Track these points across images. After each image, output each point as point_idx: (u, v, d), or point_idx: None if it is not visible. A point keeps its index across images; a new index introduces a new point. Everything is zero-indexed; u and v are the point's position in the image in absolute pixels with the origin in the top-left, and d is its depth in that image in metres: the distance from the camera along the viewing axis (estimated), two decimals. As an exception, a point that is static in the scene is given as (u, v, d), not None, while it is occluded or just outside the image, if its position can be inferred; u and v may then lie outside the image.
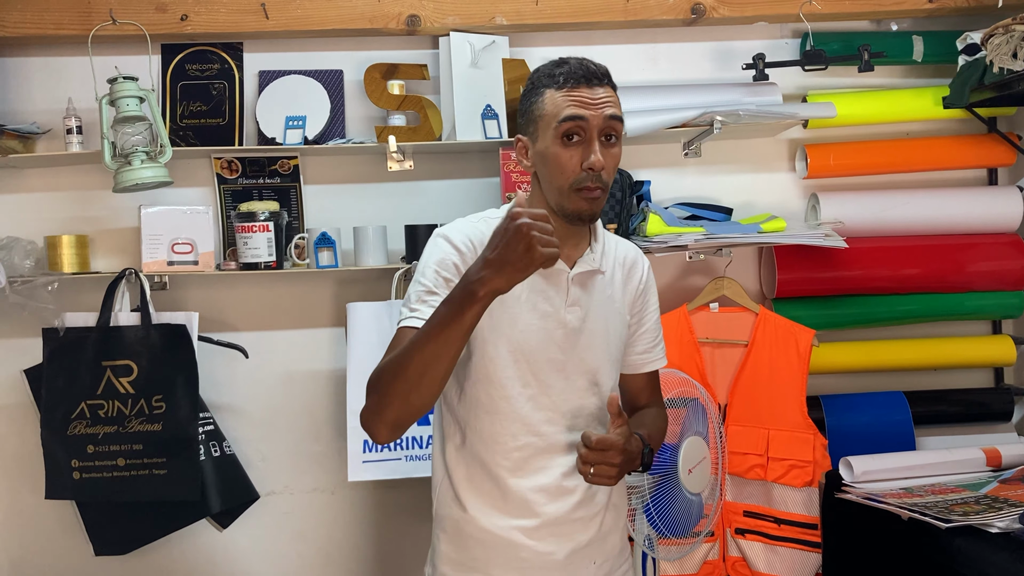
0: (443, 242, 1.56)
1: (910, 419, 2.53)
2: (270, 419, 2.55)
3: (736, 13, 2.50)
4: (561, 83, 1.53)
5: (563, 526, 1.60)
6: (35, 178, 2.50)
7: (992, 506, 2.09)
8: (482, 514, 1.59)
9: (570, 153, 1.52)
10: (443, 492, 1.64)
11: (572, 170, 1.52)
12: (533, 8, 2.47)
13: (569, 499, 1.61)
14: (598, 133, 1.52)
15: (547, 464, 1.59)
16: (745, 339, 2.43)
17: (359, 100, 2.53)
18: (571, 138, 1.52)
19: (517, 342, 1.56)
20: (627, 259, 1.72)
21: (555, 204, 1.56)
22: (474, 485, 1.60)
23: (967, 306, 2.61)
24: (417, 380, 1.40)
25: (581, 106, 1.51)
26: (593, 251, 1.64)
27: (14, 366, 2.45)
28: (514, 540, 1.58)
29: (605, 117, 1.52)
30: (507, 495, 1.58)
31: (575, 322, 1.60)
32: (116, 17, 2.37)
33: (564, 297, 1.59)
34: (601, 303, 1.64)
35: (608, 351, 1.65)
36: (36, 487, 2.38)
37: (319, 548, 2.58)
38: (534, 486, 1.58)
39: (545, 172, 1.56)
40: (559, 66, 1.55)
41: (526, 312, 1.56)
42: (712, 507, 2.32)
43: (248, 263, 2.37)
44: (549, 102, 1.53)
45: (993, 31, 2.20)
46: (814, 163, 2.57)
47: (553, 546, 1.60)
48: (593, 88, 1.53)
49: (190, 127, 2.48)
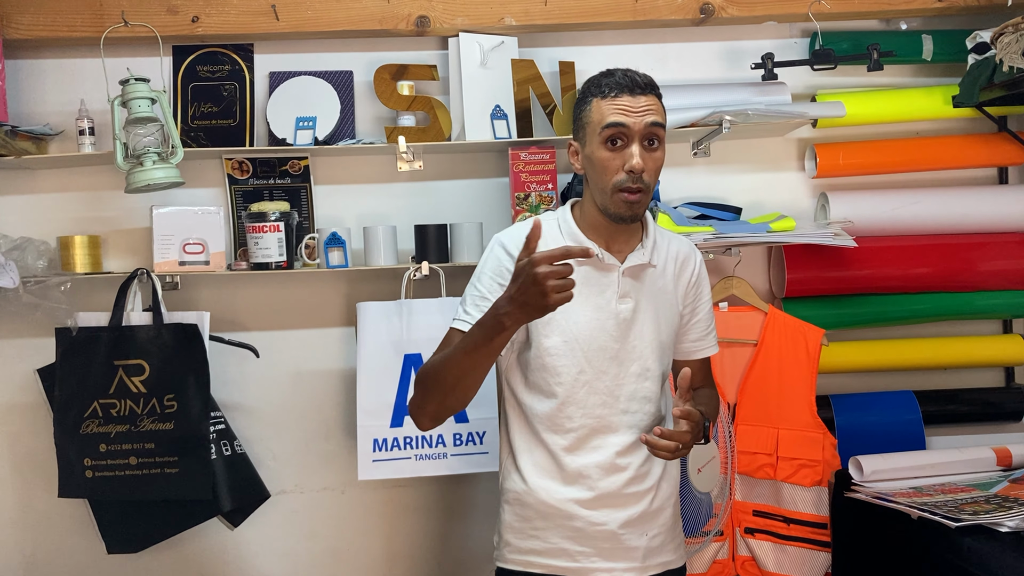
0: (499, 249, 1.73)
1: (920, 418, 2.53)
2: (281, 418, 2.57)
3: (745, 13, 2.50)
4: (606, 92, 1.66)
5: (615, 499, 1.74)
6: (48, 179, 2.52)
7: (1002, 505, 2.08)
8: (541, 487, 1.74)
9: (612, 156, 1.66)
10: (507, 467, 1.81)
11: (614, 172, 1.65)
12: (542, 8, 2.47)
13: (622, 475, 1.74)
14: (640, 138, 1.64)
15: (601, 443, 1.73)
16: (754, 338, 2.43)
17: (369, 101, 2.54)
18: (614, 143, 1.65)
19: (572, 333, 1.71)
20: (680, 253, 1.85)
21: (600, 204, 1.70)
22: (534, 461, 1.75)
23: (977, 305, 2.61)
24: (452, 386, 1.62)
25: (623, 114, 1.64)
26: (644, 246, 1.76)
27: (27, 365, 2.47)
28: (569, 511, 1.73)
29: (647, 124, 1.64)
30: (564, 470, 1.73)
31: (627, 313, 1.73)
32: (128, 19, 2.39)
33: (616, 289, 1.73)
34: (653, 294, 1.77)
35: (659, 339, 1.78)
36: (49, 486, 2.40)
37: (329, 547, 2.59)
38: (589, 463, 1.73)
39: (592, 174, 1.70)
40: (606, 76, 1.69)
41: (579, 305, 1.68)
42: (721, 506, 2.32)
43: (259, 263, 2.38)
44: (595, 110, 1.67)
45: (1003, 30, 2.19)
46: (823, 162, 2.57)
47: (606, 516, 1.74)
48: (636, 96, 1.65)
49: (201, 128, 2.49)
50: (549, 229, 1.74)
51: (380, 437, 2.35)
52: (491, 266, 1.72)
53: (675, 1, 2.49)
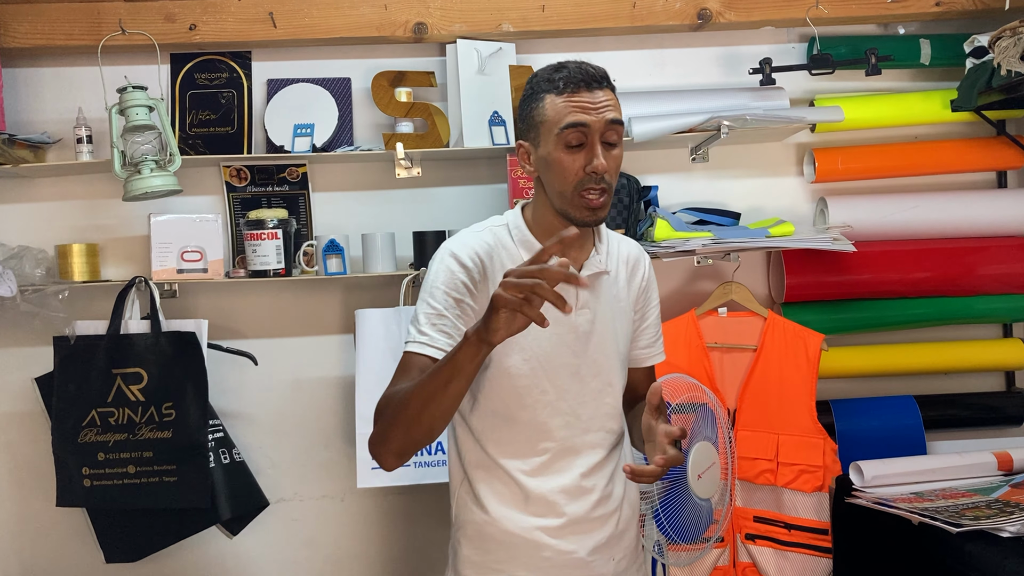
0: (451, 260, 1.56)
1: (920, 423, 2.52)
2: (279, 426, 2.56)
3: (743, 18, 2.50)
4: (561, 88, 1.52)
5: (583, 524, 1.63)
6: (46, 187, 2.52)
7: (1003, 510, 2.08)
8: (504, 516, 1.61)
9: (573, 158, 1.53)
10: (462, 497, 1.66)
11: (575, 174, 1.53)
12: (539, 15, 2.48)
13: (589, 498, 1.63)
14: (600, 137, 1.52)
15: (566, 466, 1.62)
16: (754, 344, 2.42)
17: (367, 108, 2.54)
18: (574, 144, 1.52)
19: (531, 351, 1.58)
20: (630, 257, 1.74)
21: (559, 209, 1.57)
22: (494, 489, 1.62)
23: (977, 309, 2.60)
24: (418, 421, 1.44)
25: (582, 111, 1.51)
26: (599, 252, 1.65)
27: (25, 374, 2.46)
28: (537, 540, 1.61)
29: (606, 121, 1.52)
30: (528, 496, 1.61)
31: (585, 325, 1.62)
32: (125, 27, 2.39)
33: (574, 301, 1.59)
34: (608, 303, 1.66)
35: (618, 350, 1.68)
36: (47, 495, 2.40)
37: (329, 555, 2.59)
38: (555, 487, 1.61)
39: (549, 177, 1.57)
40: (558, 71, 1.55)
41: None
42: (722, 512, 2.31)
43: (257, 270, 2.38)
44: (550, 108, 1.53)
45: (1000, 33, 2.20)
46: (822, 167, 2.57)
47: (575, 544, 1.62)
48: (593, 92, 1.53)
49: (199, 136, 2.49)
50: (501, 236, 1.62)
51: (379, 444, 2.33)
52: (443, 279, 1.55)
53: (673, 6, 2.49)
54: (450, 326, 1.52)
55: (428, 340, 1.51)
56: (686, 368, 2.38)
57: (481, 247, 1.58)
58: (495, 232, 1.62)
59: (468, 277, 1.55)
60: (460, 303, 1.53)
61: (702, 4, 2.49)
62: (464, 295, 1.54)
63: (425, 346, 1.51)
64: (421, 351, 1.50)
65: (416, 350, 1.51)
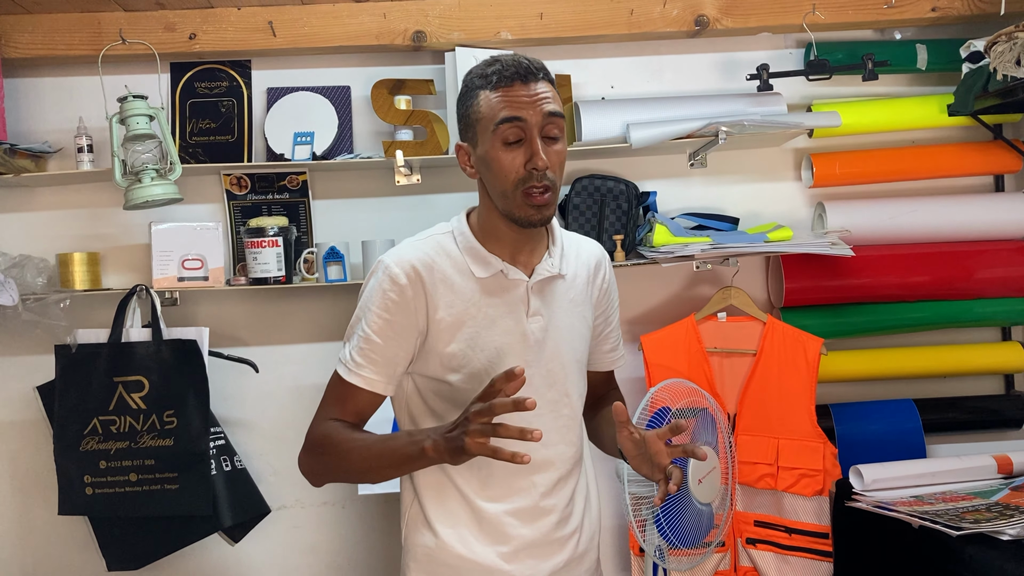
0: (384, 276, 1.50)
1: (920, 427, 2.53)
2: (281, 433, 2.56)
3: (739, 24, 2.51)
4: (495, 83, 1.45)
5: (541, 548, 1.55)
6: (47, 196, 2.53)
7: (1003, 513, 2.08)
8: (456, 540, 1.53)
9: (512, 155, 1.45)
10: (413, 518, 1.58)
11: (515, 172, 1.45)
12: (538, 22, 2.49)
13: (547, 519, 1.56)
14: (539, 131, 1.45)
15: (524, 485, 1.54)
16: (753, 348, 2.43)
17: (366, 115, 2.55)
18: (512, 140, 1.45)
19: (481, 363, 1.50)
20: (591, 258, 1.67)
21: (503, 210, 1.50)
22: (446, 510, 1.54)
23: (976, 313, 2.61)
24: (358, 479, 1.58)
25: (518, 106, 1.43)
26: (551, 255, 1.57)
27: (27, 383, 2.47)
28: (491, 566, 1.52)
29: (545, 114, 1.44)
30: (481, 519, 1.53)
31: (538, 333, 1.54)
32: (125, 37, 2.40)
33: (525, 308, 1.53)
34: (563, 308, 1.58)
35: (575, 357, 1.60)
36: (49, 503, 2.40)
37: (330, 561, 2.59)
38: (511, 508, 1.53)
39: (489, 177, 1.49)
40: (490, 65, 1.47)
41: (486, 330, 1.51)
42: (722, 517, 2.31)
43: (258, 278, 2.38)
44: (484, 104, 1.46)
45: (996, 38, 2.21)
46: (820, 172, 2.57)
47: (531, 570, 1.54)
48: (529, 85, 1.45)
49: (199, 144, 2.50)
50: (445, 244, 1.54)
51: (380, 451, 2.34)
52: (377, 300, 1.48)
53: (670, 13, 2.50)
54: (379, 352, 1.48)
55: (363, 372, 1.49)
56: (686, 373, 2.38)
57: (419, 259, 1.50)
58: (438, 240, 1.55)
59: (399, 295, 1.48)
60: (390, 324, 1.48)
61: (699, 11, 2.50)
62: (396, 315, 1.48)
63: (353, 375, 1.49)
64: (355, 383, 1.49)
65: (347, 378, 1.50)
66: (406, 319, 1.48)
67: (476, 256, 1.53)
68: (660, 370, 2.37)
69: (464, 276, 1.51)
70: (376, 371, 1.48)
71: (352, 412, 1.52)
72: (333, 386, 1.53)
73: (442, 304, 1.49)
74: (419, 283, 1.49)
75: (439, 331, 1.49)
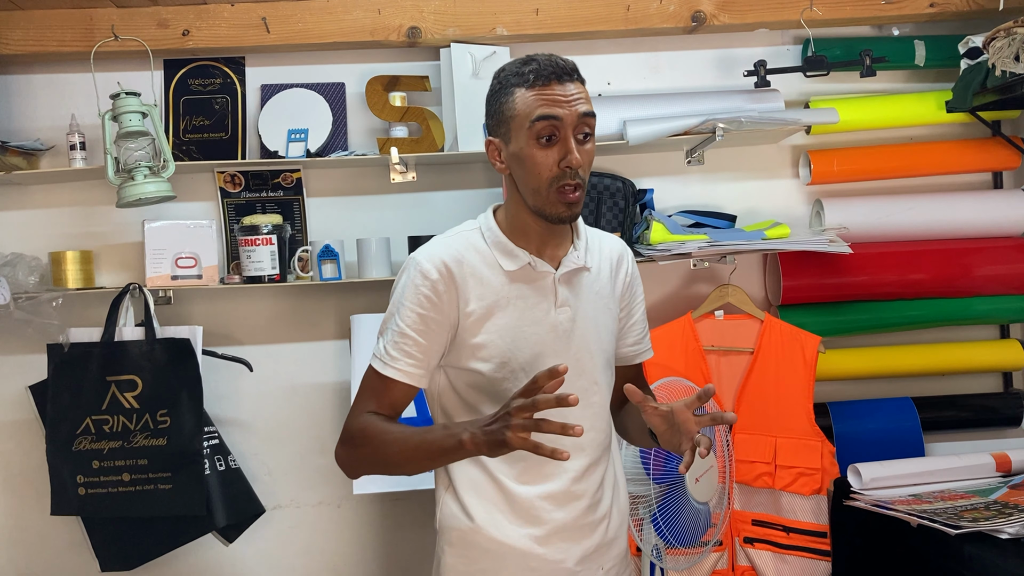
0: (416, 272, 1.54)
1: (918, 425, 2.52)
2: (275, 432, 2.55)
3: (737, 20, 2.50)
4: (531, 81, 1.49)
5: (572, 532, 1.59)
6: (39, 194, 2.51)
7: (1002, 512, 2.07)
8: (490, 524, 1.57)
9: (545, 153, 1.49)
10: (447, 504, 1.62)
11: (548, 169, 1.49)
12: (533, 18, 2.47)
13: (578, 504, 1.60)
14: (572, 131, 1.49)
15: (554, 471, 1.58)
16: (751, 346, 2.42)
17: (361, 112, 2.53)
18: (546, 138, 1.49)
19: (511, 353, 1.55)
20: (613, 252, 1.70)
21: (533, 206, 1.54)
22: (480, 495, 1.58)
23: (974, 310, 2.60)
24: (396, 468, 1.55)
25: (554, 104, 1.47)
26: (577, 248, 1.62)
27: (19, 382, 2.45)
28: (524, 549, 1.57)
29: (579, 115, 1.49)
30: (514, 503, 1.57)
31: (566, 323, 1.58)
32: (118, 33, 2.38)
33: (553, 299, 1.58)
34: (590, 300, 1.62)
35: (601, 347, 1.64)
36: (42, 503, 2.39)
37: (325, 562, 2.58)
38: (542, 493, 1.57)
39: (521, 173, 1.53)
40: (527, 63, 1.51)
41: (515, 321, 1.55)
42: (720, 516, 2.30)
43: (252, 276, 2.37)
44: (520, 102, 1.49)
45: (995, 34, 2.20)
46: (817, 169, 2.56)
47: (563, 553, 1.59)
48: (564, 84, 1.49)
49: (193, 141, 2.48)
50: (473, 240, 1.59)
51: (375, 450, 2.33)
52: (410, 296, 1.53)
53: (667, 9, 2.49)
54: (413, 346, 1.52)
55: (399, 365, 1.53)
56: (683, 371, 2.37)
57: (449, 255, 1.55)
58: (466, 236, 1.59)
59: (432, 290, 1.52)
60: (424, 319, 1.52)
61: (696, 7, 2.48)
62: (428, 310, 1.52)
63: (390, 368, 1.53)
64: (391, 376, 1.53)
65: (385, 372, 1.53)
66: (438, 313, 1.53)
67: (504, 250, 1.57)
68: (657, 368, 2.36)
69: (493, 269, 1.56)
70: (412, 364, 1.53)
71: (388, 405, 1.56)
72: (368, 380, 1.57)
73: (472, 297, 1.54)
74: (450, 278, 1.53)
75: (469, 323, 1.54)
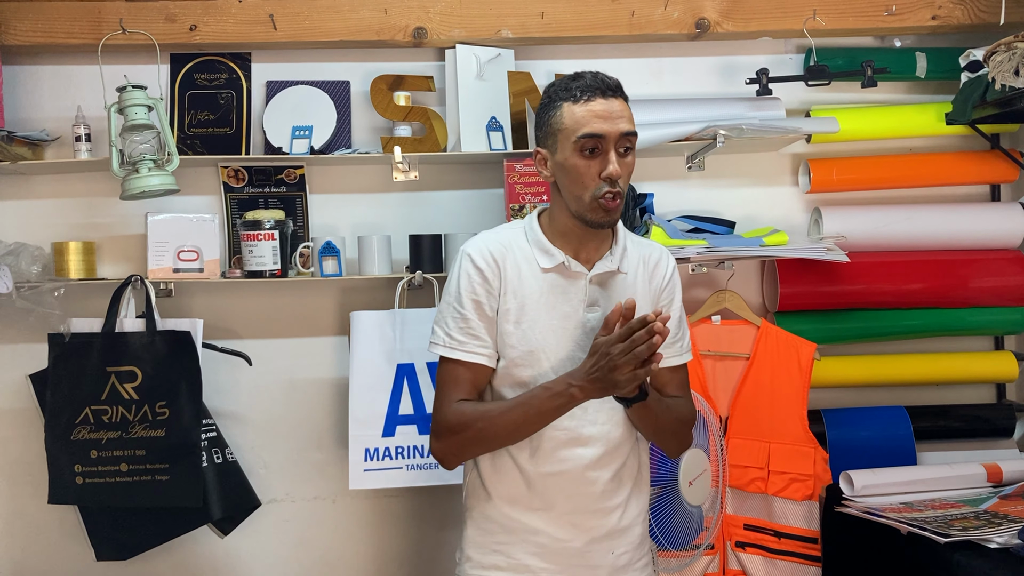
0: (468, 263, 1.70)
1: (911, 434, 2.53)
2: (272, 426, 2.56)
3: (740, 28, 2.51)
4: (578, 96, 1.63)
5: (581, 516, 1.71)
6: (43, 185, 2.52)
7: (992, 521, 2.09)
8: (505, 501, 1.72)
9: (588, 164, 1.63)
10: (471, 482, 1.78)
11: (591, 179, 1.63)
12: (539, 21, 2.49)
13: (590, 490, 1.71)
14: (615, 146, 1.62)
15: (569, 456, 1.70)
16: (747, 352, 2.43)
17: (365, 111, 2.55)
18: (590, 151, 1.62)
19: (538, 343, 1.68)
20: (651, 257, 1.81)
21: (575, 212, 1.67)
22: (499, 475, 1.72)
23: (969, 322, 2.61)
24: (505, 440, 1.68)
25: (599, 120, 1.61)
26: (613, 253, 1.74)
27: (20, 371, 2.46)
28: (534, 526, 1.71)
29: (621, 133, 1.62)
30: (531, 485, 1.70)
31: (594, 321, 1.70)
32: (126, 27, 2.40)
33: (583, 297, 1.70)
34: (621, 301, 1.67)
35: None
36: (39, 492, 2.39)
37: (320, 556, 2.59)
38: (555, 474, 1.70)
39: (565, 182, 1.67)
40: (575, 80, 1.65)
41: (546, 314, 1.68)
42: (712, 520, 2.32)
43: (253, 271, 2.38)
44: (568, 116, 1.63)
45: (995, 48, 2.21)
46: (817, 177, 2.58)
47: (570, 534, 1.71)
48: (609, 100, 1.63)
49: (198, 136, 2.50)
50: (516, 237, 1.74)
51: (371, 447, 2.35)
52: (465, 285, 1.69)
53: (671, 16, 2.50)
54: (477, 328, 1.68)
55: (466, 347, 1.68)
56: (679, 375, 2.38)
57: (495, 247, 1.71)
58: (511, 233, 1.75)
59: (482, 279, 1.68)
60: (479, 304, 1.67)
61: (700, 14, 2.50)
62: (481, 296, 1.68)
63: (460, 352, 1.67)
64: (460, 359, 1.67)
65: (454, 356, 1.68)
66: (490, 299, 1.69)
67: (542, 248, 1.72)
68: (653, 372, 2.37)
69: (530, 265, 1.71)
70: (480, 344, 1.68)
71: (469, 389, 1.69)
72: (445, 372, 1.71)
73: (510, 289, 1.69)
74: (496, 267, 1.69)
75: (505, 311, 1.69)
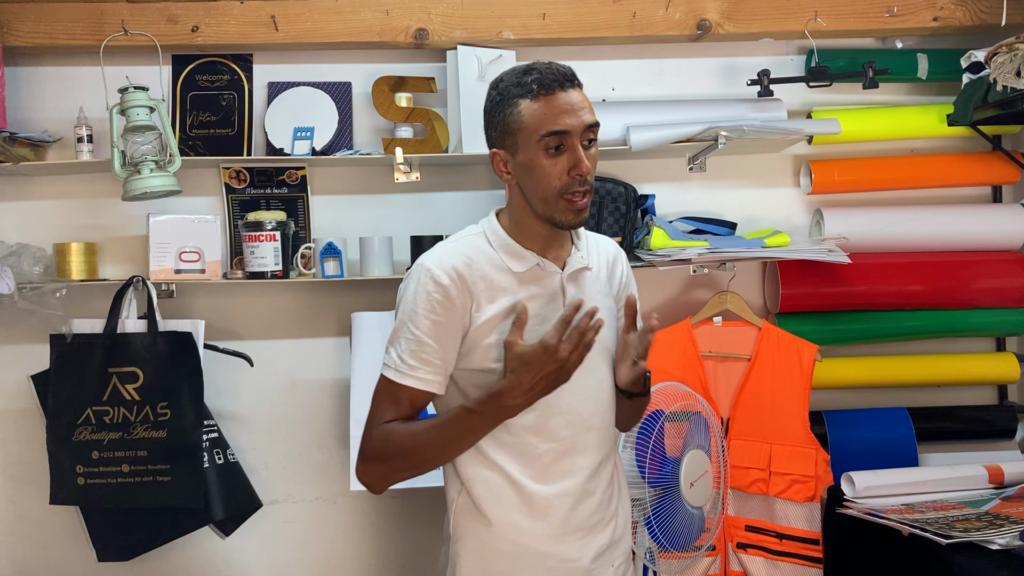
0: (427, 279, 1.55)
1: (913, 435, 2.53)
2: (274, 427, 2.56)
3: (741, 29, 2.51)
4: (535, 91, 1.51)
5: (586, 530, 1.62)
6: (45, 186, 2.52)
7: (993, 523, 2.09)
8: (508, 526, 1.58)
9: (554, 162, 1.52)
10: (461, 508, 1.61)
11: (557, 177, 1.53)
12: (540, 23, 2.49)
13: (590, 501, 1.62)
14: (580, 139, 1.53)
15: (570, 467, 1.60)
16: (748, 353, 2.43)
17: (367, 112, 2.55)
18: (555, 148, 1.52)
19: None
20: (609, 254, 1.76)
21: (542, 213, 1.57)
22: (496, 497, 1.58)
23: (971, 323, 2.61)
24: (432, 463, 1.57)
25: (563, 115, 1.50)
26: (579, 249, 1.67)
27: (22, 372, 2.47)
28: (541, 549, 1.59)
29: (585, 124, 1.53)
30: (532, 504, 1.58)
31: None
32: (128, 28, 2.40)
33: (562, 298, 1.62)
34: (593, 298, 1.65)
35: (605, 345, 1.67)
36: (41, 492, 2.40)
37: (321, 557, 2.59)
38: (559, 491, 1.59)
39: (530, 183, 1.56)
40: (527, 74, 1.53)
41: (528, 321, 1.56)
42: (714, 521, 2.32)
43: (254, 272, 2.38)
44: (527, 113, 1.52)
45: (997, 49, 2.21)
46: (818, 179, 2.58)
47: (579, 551, 1.61)
48: (568, 92, 1.52)
49: (199, 137, 2.50)
50: (479, 244, 1.61)
51: (373, 448, 2.34)
52: (423, 303, 1.53)
53: (672, 17, 2.50)
54: (432, 352, 1.53)
55: (418, 374, 1.53)
56: (680, 376, 2.39)
57: (457, 260, 1.57)
58: (472, 241, 1.62)
59: (444, 296, 1.53)
60: (438, 325, 1.53)
61: (702, 15, 2.50)
62: (442, 315, 1.53)
63: (408, 377, 1.53)
64: (406, 383, 1.54)
65: (400, 380, 1.54)
66: (451, 319, 1.54)
67: (511, 252, 1.60)
68: (654, 373, 2.35)
69: (501, 271, 1.59)
70: (430, 371, 1.54)
71: (407, 411, 1.57)
72: (383, 391, 1.57)
73: (483, 300, 1.56)
74: (461, 283, 1.55)
75: (481, 325, 1.55)
